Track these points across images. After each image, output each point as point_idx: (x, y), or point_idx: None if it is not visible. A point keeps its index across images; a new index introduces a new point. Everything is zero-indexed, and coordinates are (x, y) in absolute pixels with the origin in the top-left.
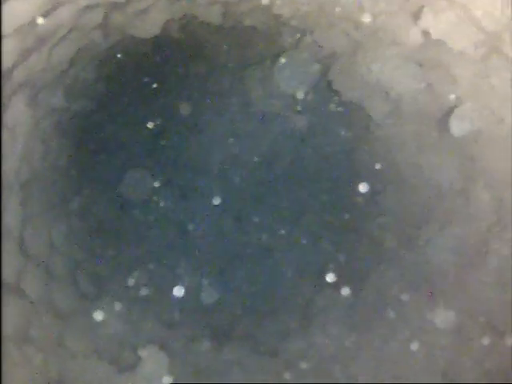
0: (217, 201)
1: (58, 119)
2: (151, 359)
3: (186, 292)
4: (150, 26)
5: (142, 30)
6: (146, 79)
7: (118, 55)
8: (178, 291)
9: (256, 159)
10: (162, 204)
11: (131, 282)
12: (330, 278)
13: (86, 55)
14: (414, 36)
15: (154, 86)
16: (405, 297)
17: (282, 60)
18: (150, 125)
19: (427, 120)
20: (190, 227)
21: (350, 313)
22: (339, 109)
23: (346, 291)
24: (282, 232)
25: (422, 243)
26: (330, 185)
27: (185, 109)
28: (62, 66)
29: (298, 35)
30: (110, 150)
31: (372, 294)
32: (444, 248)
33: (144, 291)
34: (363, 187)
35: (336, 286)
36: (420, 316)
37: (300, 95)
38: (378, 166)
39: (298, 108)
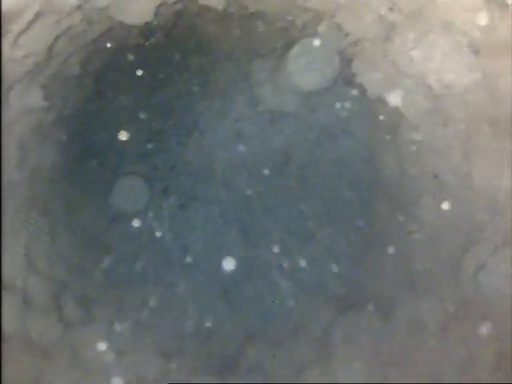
0: (220, 211)
1: (37, 121)
2: None
3: (186, 317)
4: (140, 11)
5: (130, 16)
6: (137, 73)
7: (105, 45)
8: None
9: (265, 164)
10: (158, 215)
11: (125, 305)
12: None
13: (66, 44)
14: (475, 13)
15: (147, 81)
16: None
17: (296, 50)
18: (143, 126)
19: (481, 119)
20: (190, 241)
21: (376, 345)
22: (364, 107)
23: (372, 320)
24: (296, 247)
25: (469, 268)
26: (351, 194)
27: (183, 107)
28: (35, 57)
29: (316, 20)
30: (99, 156)
31: (404, 326)
32: (499, 275)
33: (138, 316)
34: (391, 198)
35: (360, 312)
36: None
37: (317, 91)
38: (411, 173)
39: (314, 106)
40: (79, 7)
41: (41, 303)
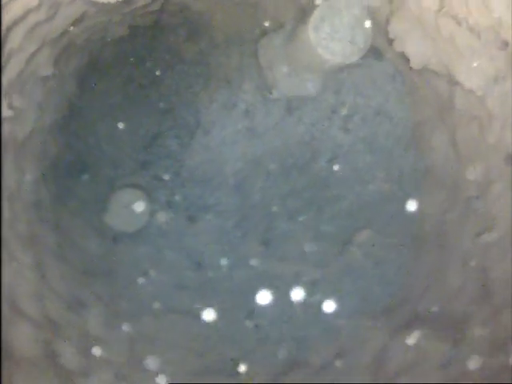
0: (236, 222)
1: (7, 135)
2: None
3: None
4: None
5: None
6: (125, 68)
7: (81, 37)
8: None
9: (286, 163)
10: (164, 232)
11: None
12: None
13: (24, 38)
14: None
15: (138, 77)
16: None
17: (317, 15)
18: (138, 130)
19: None
20: (205, 258)
21: None
22: (405, 81)
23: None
24: (330, 257)
25: None
26: (392, 189)
27: (182, 104)
28: None
29: None
30: (90, 168)
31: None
32: None
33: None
34: (444, 189)
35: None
36: None
37: (343, 67)
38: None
39: (339, 87)
40: None
41: (31, 356)
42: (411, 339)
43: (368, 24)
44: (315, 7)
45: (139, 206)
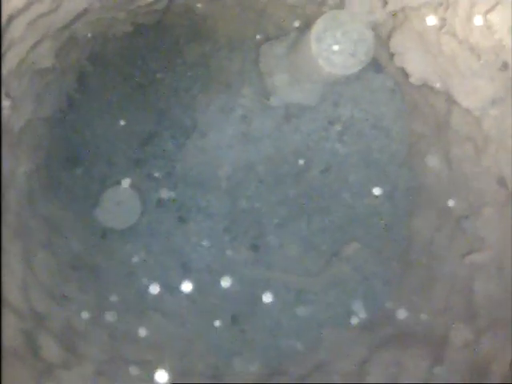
0: (226, 226)
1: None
2: None
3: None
4: None
5: None
6: (125, 66)
7: (83, 32)
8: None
9: (279, 170)
10: (153, 231)
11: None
12: None
13: (25, 29)
14: None
15: (137, 75)
16: None
17: (319, 26)
18: (134, 128)
19: None
20: (192, 260)
21: None
22: (404, 97)
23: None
24: (318, 268)
25: None
26: (383, 205)
27: (180, 105)
28: None
29: None
30: (84, 163)
31: None
32: None
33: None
34: (436, 209)
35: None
36: None
37: (343, 79)
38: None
39: (337, 98)
40: None
41: (13, 345)
42: (392, 353)
43: (370, 37)
44: (319, 18)
45: (130, 204)
